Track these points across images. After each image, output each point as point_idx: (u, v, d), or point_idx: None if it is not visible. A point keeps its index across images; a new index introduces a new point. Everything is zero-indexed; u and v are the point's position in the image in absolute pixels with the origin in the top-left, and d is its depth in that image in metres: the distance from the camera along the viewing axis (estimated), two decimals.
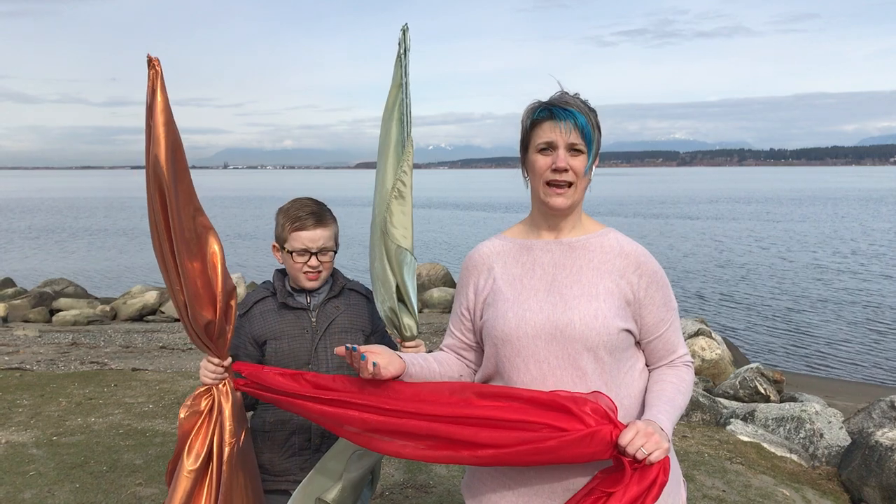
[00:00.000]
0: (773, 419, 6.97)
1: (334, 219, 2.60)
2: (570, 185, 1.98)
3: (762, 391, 8.97)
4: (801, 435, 6.66)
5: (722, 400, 8.21)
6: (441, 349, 2.25)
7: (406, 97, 2.45)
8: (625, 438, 1.77)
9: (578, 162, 1.96)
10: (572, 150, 1.96)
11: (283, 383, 2.17)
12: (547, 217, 2.07)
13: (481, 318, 2.10)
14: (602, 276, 2.00)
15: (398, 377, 2.02)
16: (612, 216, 48.37)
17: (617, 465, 1.82)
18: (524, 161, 2.06)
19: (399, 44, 2.44)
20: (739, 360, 12.47)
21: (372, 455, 2.43)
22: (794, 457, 6.09)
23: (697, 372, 10.80)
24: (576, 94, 2.02)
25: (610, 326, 1.93)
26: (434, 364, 2.14)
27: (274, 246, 2.61)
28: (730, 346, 12.95)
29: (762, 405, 7.51)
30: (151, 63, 2.05)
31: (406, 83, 2.46)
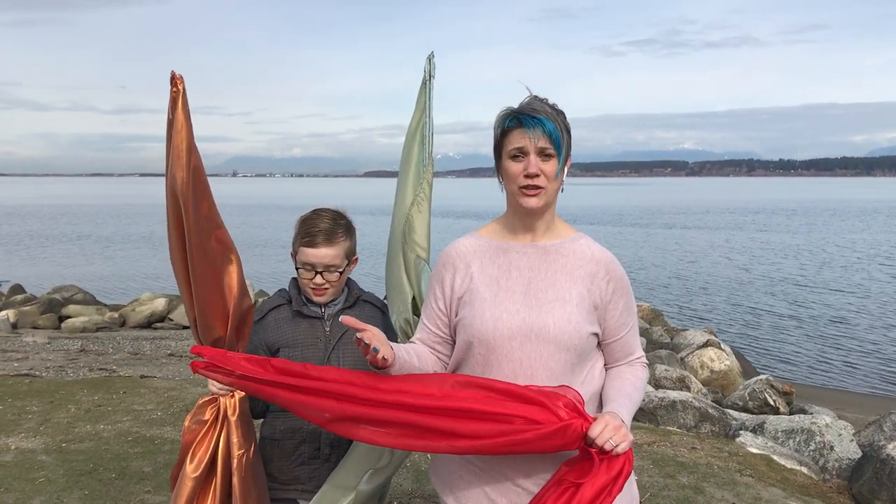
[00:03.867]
0: (782, 431, 6.93)
1: (349, 235, 2.57)
2: (541, 188, 2.04)
3: (771, 403, 8.93)
4: (812, 447, 6.62)
5: (731, 411, 8.17)
6: (413, 342, 2.27)
7: (429, 120, 2.51)
8: (594, 431, 1.87)
9: (549, 166, 2.03)
10: (542, 154, 2.02)
11: (248, 368, 2.13)
12: (522, 217, 2.14)
13: (456, 314, 2.16)
14: (575, 282, 2.09)
15: (387, 367, 2.03)
16: (620, 226, 48.28)
17: (583, 455, 1.91)
18: (498, 167, 2.12)
19: (424, 70, 2.51)
20: (748, 371, 12.42)
21: (386, 470, 2.43)
22: (805, 469, 6.05)
23: (706, 383, 10.75)
24: (544, 98, 2.09)
25: (581, 331, 2.04)
26: (414, 359, 2.16)
27: (292, 253, 2.62)
28: (739, 357, 12.89)
29: (772, 417, 7.47)
30: (174, 80, 2.04)
31: (430, 107, 2.52)
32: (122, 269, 27.42)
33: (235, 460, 2.33)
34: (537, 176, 2.02)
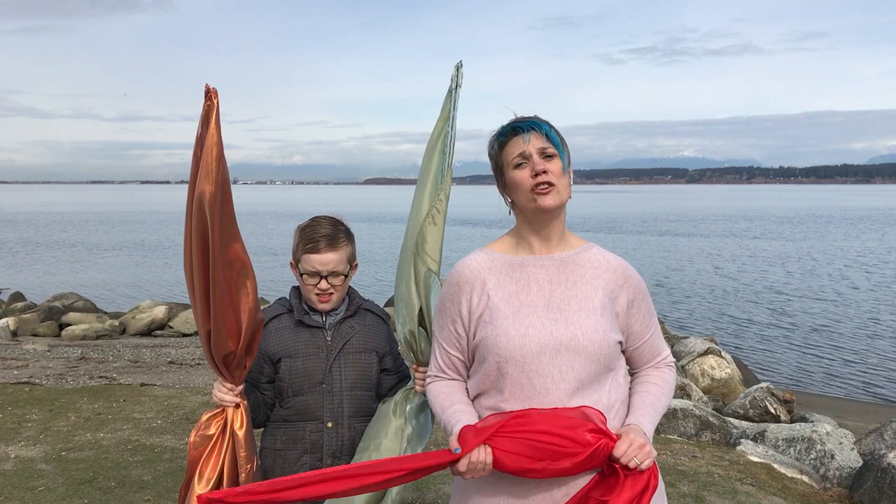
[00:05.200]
0: (783, 439, 6.91)
1: (350, 240, 2.60)
2: (552, 184, 2.04)
3: (772, 411, 8.91)
4: (812, 456, 6.61)
5: (732, 420, 8.15)
6: (447, 373, 2.19)
7: (452, 130, 2.50)
8: (618, 451, 1.90)
9: (553, 164, 2.04)
10: (544, 155, 2.04)
11: (283, 480, 1.96)
12: (535, 227, 2.11)
13: (475, 336, 2.10)
14: (596, 290, 2.09)
15: None
16: (626, 234, 48.26)
17: (609, 471, 1.94)
18: (503, 185, 2.12)
19: (452, 79, 2.50)
20: (749, 379, 12.39)
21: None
22: (805, 478, 6.04)
23: (707, 391, 10.74)
24: (533, 116, 2.11)
25: (609, 339, 2.04)
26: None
27: (291, 263, 2.62)
28: (739, 364, 12.87)
29: (772, 425, 7.45)
30: (208, 94, 2.03)
31: (454, 117, 2.50)
32: (123, 277, 27.41)
33: (244, 475, 2.32)
34: (545, 172, 2.02)
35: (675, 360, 2.29)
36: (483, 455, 1.89)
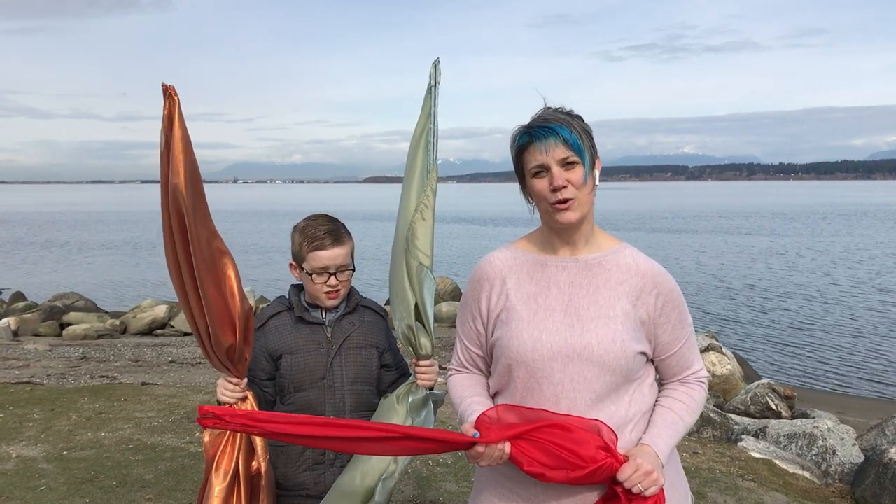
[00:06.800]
0: (784, 435, 6.91)
1: (350, 236, 2.62)
2: (572, 199, 1.94)
3: (773, 407, 8.91)
4: (814, 451, 6.60)
5: (733, 416, 8.15)
6: (468, 368, 2.19)
7: (434, 126, 2.50)
8: (623, 475, 1.83)
9: (575, 174, 1.92)
10: (565, 164, 1.92)
11: (285, 415, 2.02)
12: (559, 233, 2.03)
13: (493, 334, 2.06)
14: (619, 297, 1.98)
15: None
16: (621, 230, 48.27)
17: (611, 494, 1.88)
18: (524, 187, 2.03)
19: (430, 76, 2.50)
20: (750, 375, 12.39)
21: (393, 478, 2.43)
22: (807, 474, 6.04)
23: (708, 388, 10.73)
24: (559, 107, 1.99)
25: (627, 350, 1.92)
26: None
27: (291, 264, 2.62)
28: (740, 361, 12.87)
29: (773, 421, 7.45)
30: (168, 92, 2.00)
31: (434, 113, 2.51)
32: (123, 276, 27.42)
33: (264, 465, 2.34)
34: (564, 187, 1.91)
35: (707, 374, 2.17)
36: (501, 445, 1.86)
